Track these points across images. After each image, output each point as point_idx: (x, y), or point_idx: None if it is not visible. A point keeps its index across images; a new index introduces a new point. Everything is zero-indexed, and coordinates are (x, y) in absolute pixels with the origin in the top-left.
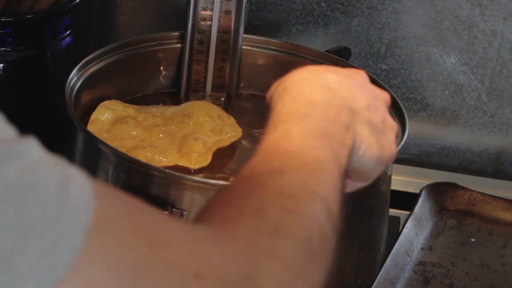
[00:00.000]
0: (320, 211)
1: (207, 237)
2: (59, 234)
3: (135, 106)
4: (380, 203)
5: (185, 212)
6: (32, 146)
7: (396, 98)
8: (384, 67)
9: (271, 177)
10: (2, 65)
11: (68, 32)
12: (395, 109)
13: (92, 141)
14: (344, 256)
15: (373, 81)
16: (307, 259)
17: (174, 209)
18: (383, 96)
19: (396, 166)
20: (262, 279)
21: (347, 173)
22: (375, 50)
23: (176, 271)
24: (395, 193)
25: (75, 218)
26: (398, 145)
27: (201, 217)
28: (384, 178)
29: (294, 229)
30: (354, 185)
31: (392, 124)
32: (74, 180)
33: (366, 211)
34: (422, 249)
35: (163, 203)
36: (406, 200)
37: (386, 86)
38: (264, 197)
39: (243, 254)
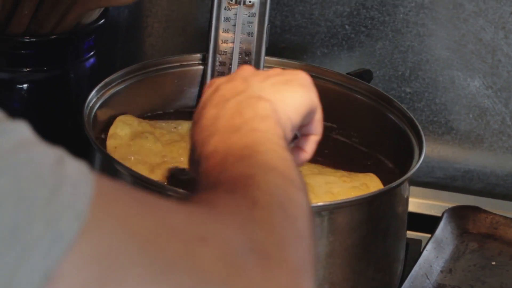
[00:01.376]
0: (298, 195)
1: (202, 207)
2: (63, 203)
3: (148, 121)
4: (396, 225)
5: None
6: (23, 126)
7: (414, 119)
8: (408, 90)
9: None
10: (25, 85)
11: (92, 53)
12: (413, 130)
13: (109, 161)
14: (358, 277)
15: (397, 106)
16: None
17: None
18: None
19: (420, 189)
20: (267, 245)
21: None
22: (399, 73)
23: (181, 235)
24: (418, 216)
25: (77, 189)
26: (414, 166)
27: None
28: (401, 200)
29: (286, 203)
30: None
31: (294, 71)
32: (69, 160)
33: (381, 233)
34: (441, 271)
35: None
36: (429, 223)
37: (408, 111)
38: (260, 164)
39: (242, 223)
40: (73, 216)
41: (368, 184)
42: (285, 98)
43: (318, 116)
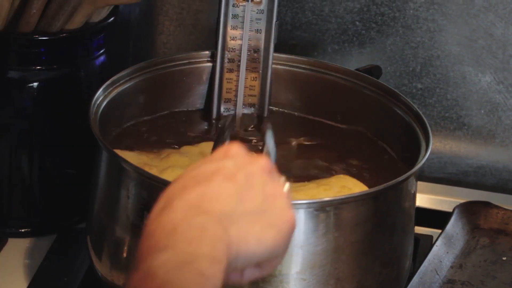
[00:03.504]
0: None
1: None
2: None
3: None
4: (403, 220)
5: None
6: None
7: (420, 113)
8: (419, 86)
9: None
10: (36, 84)
11: (102, 51)
12: (420, 124)
13: (114, 159)
14: (364, 272)
15: (404, 101)
16: None
17: None
18: (257, 166)
19: (432, 185)
20: None
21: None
22: (410, 69)
23: None
24: (429, 211)
25: None
26: (420, 161)
27: None
28: (407, 195)
29: None
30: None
31: (275, 191)
32: None
33: (387, 228)
34: (452, 267)
35: None
36: (441, 219)
37: (415, 106)
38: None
39: None
40: None
41: (347, 185)
42: (250, 240)
43: (276, 262)
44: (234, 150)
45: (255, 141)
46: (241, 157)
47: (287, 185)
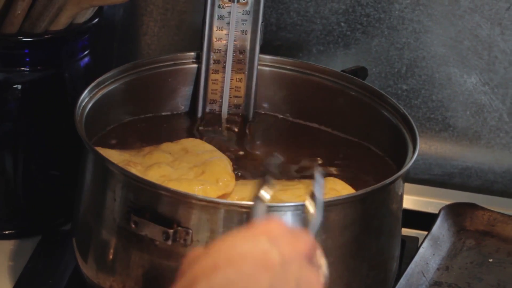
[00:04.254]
0: None
1: None
2: None
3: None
4: (390, 222)
5: (190, 231)
6: None
7: (407, 114)
8: (404, 87)
9: None
10: (20, 85)
11: (87, 52)
12: (407, 126)
13: (100, 160)
14: (352, 275)
15: (391, 102)
16: None
17: (179, 228)
18: (298, 250)
19: (417, 186)
20: None
21: None
22: (396, 70)
23: None
24: (415, 213)
25: None
26: (408, 163)
27: None
28: (395, 197)
29: None
30: None
31: (310, 279)
32: None
33: (375, 230)
34: (438, 269)
35: (169, 221)
36: (426, 221)
37: (401, 108)
38: None
39: None
40: None
41: (335, 187)
42: None
43: None
44: (275, 229)
45: (235, 148)
46: (281, 238)
47: (325, 271)
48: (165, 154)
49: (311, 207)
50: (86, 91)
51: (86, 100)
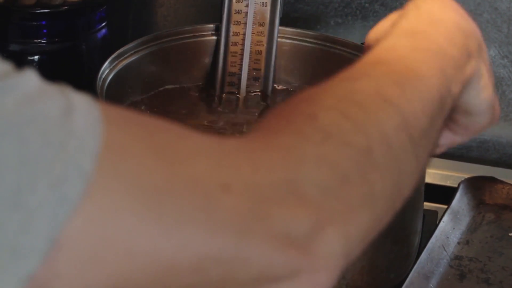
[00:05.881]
0: (389, 120)
1: (238, 148)
2: (67, 162)
3: None
4: (413, 197)
5: None
6: (29, 77)
7: None
8: None
9: (344, 82)
10: (37, 57)
11: (104, 24)
12: None
13: None
14: (376, 250)
15: None
16: (365, 168)
17: None
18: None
19: (435, 160)
20: (306, 184)
21: (455, 112)
22: None
23: (200, 186)
24: (434, 187)
25: (83, 144)
26: None
27: (252, 130)
28: None
29: (350, 135)
30: (451, 139)
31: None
32: (79, 105)
33: None
34: (458, 243)
35: None
36: (445, 194)
37: None
38: (324, 101)
39: (282, 161)
40: (78, 175)
41: None
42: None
43: (483, 124)
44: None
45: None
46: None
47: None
48: None
49: None
50: (106, 63)
51: (106, 72)
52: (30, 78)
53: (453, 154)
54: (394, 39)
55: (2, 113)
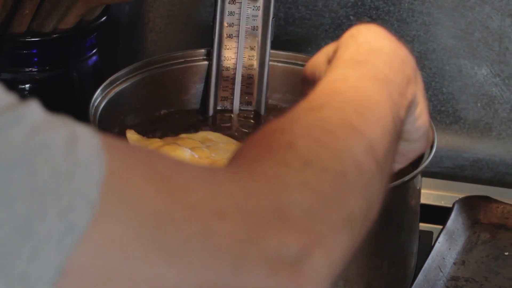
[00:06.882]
0: (358, 146)
1: (229, 177)
2: (75, 191)
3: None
4: (410, 218)
5: None
6: (34, 108)
7: None
8: None
9: (310, 112)
10: (28, 85)
11: (95, 51)
12: None
13: None
14: (373, 272)
15: None
16: (342, 192)
17: None
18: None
19: (428, 180)
20: (292, 209)
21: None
22: None
23: (197, 213)
24: (428, 207)
25: (88, 173)
26: (427, 158)
27: (231, 160)
28: (414, 193)
29: (327, 161)
30: None
31: None
32: (81, 136)
33: (395, 227)
34: (455, 264)
35: None
36: (439, 215)
37: None
38: (296, 131)
39: (269, 188)
40: (85, 204)
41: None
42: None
43: (417, 150)
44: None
45: None
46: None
47: None
48: (195, 141)
49: None
50: (99, 90)
51: (99, 100)
52: (35, 109)
53: (447, 174)
54: (341, 69)
55: (12, 145)
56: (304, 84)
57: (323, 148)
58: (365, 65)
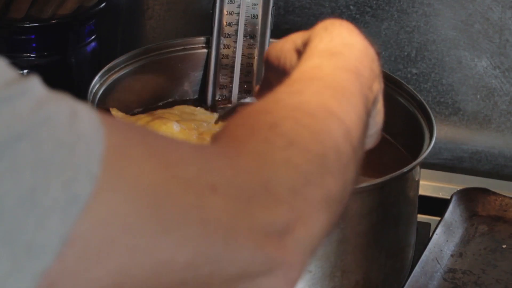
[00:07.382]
0: (336, 129)
1: (218, 154)
2: (77, 164)
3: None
4: (408, 210)
5: None
6: (36, 83)
7: (424, 102)
8: (414, 71)
9: (291, 95)
10: (26, 71)
11: (93, 37)
12: (423, 113)
13: None
14: (370, 264)
15: (407, 89)
16: (322, 171)
17: None
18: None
19: (427, 171)
20: (278, 186)
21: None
22: (405, 53)
23: (192, 187)
24: (426, 199)
25: (90, 147)
26: (426, 150)
27: (215, 138)
28: (412, 184)
29: (309, 142)
30: None
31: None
32: (81, 111)
33: (393, 218)
34: (452, 256)
35: None
36: (437, 206)
37: (414, 91)
38: (279, 112)
39: (256, 165)
40: (87, 177)
41: None
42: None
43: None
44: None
45: None
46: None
47: None
48: (176, 115)
49: None
50: (97, 77)
51: (97, 86)
52: (37, 84)
53: (445, 165)
54: (317, 58)
55: (18, 117)
56: (265, 67)
57: (305, 129)
58: (339, 57)
